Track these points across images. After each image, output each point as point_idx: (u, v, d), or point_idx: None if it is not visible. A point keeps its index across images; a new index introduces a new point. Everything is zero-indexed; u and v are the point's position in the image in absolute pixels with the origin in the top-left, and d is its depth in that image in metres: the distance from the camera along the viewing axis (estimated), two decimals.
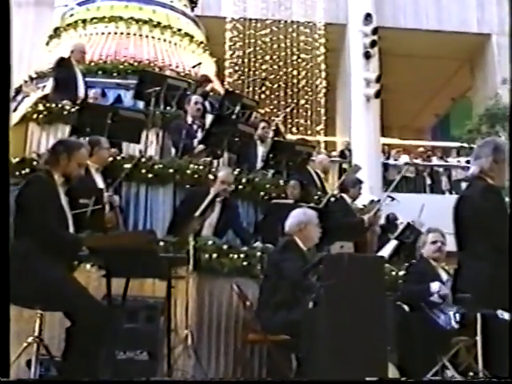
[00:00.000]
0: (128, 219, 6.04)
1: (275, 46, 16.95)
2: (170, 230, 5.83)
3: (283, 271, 4.61)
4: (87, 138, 5.63)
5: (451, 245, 4.24)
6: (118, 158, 6.16)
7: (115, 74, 9.24)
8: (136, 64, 9.52)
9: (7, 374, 2.97)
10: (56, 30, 10.64)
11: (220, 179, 5.98)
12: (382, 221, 8.42)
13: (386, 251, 6.78)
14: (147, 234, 3.76)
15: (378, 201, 7.82)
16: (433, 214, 7.53)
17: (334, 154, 16.81)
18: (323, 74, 17.26)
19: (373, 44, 16.32)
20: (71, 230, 3.74)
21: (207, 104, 8.24)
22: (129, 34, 10.26)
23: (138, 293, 4.63)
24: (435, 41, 17.71)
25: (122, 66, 9.38)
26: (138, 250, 3.57)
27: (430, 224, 5.80)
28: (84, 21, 10.32)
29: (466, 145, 15.56)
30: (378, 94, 16.05)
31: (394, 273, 5.95)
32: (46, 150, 3.84)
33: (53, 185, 3.65)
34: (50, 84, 7.99)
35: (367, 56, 16.32)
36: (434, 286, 4.82)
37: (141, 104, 8.08)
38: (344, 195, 7.23)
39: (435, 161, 17.36)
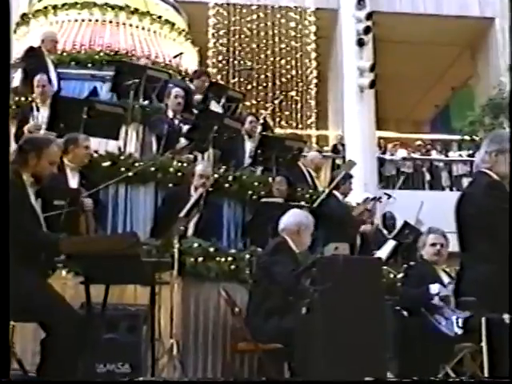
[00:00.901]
0: (106, 222, 6.02)
1: (262, 33, 16.94)
2: (153, 233, 5.85)
3: (274, 275, 4.63)
4: (67, 136, 5.61)
5: (453, 245, 4.27)
6: (95, 155, 6.14)
7: (90, 65, 9.21)
8: (112, 54, 9.50)
9: (7, 374, 3.01)
10: (23, 16, 10.56)
11: (198, 173, 6.00)
12: (378, 220, 8.47)
13: (383, 252, 6.83)
14: (129, 236, 3.73)
15: (374, 198, 7.87)
16: (433, 212, 7.61)
17: (326, 148, 16.85)
18: (314, 64, 17.27)
19: (366, 30, 16.33)
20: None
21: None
22: (104, 21, 10.22)
23: (118, 301, 4.64)
24: (433, 26, 17.76)
25: (97, 56, 9.35)
26: (119, 255, 3.56)
27: (430, 223, 5.85)
28: (55, 7, 10.25)
29: (467, 137, 15.63)
30: (372, 84, 16.08)
31: (392, 275, 5.99)
32: (13, 149, 3.78)
33: (21, 186, 3.59)
34: (18, 76, 7.96)
35: (360, 43, 16.33)
36: (434, 287, 4.86)
37: (118, 97, 8.07)
38: (335, 192, 7.28)
39: (435, 155, 17.44)
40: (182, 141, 6.95)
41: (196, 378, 4.99)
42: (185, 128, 7.03)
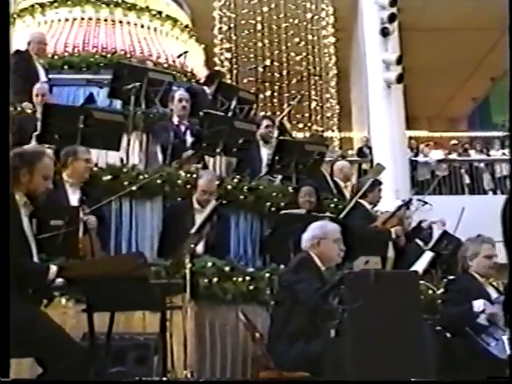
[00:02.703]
0: (109, 241, 6.06)
1: (274, 26, 16.98)
2: (160, 253, 5.89)
3: (298, 295, 4.64)
4: (65, 148, 5.68)
5: (500, 255, 4.26)
6: (95, 169, 6.19)
7: (85, 69, 9.31)
8: (109, 56, 9.60)
9: (7, 374, 3.05)
10: None
11: (200, 188, 6.04)
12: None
13: (419, 265, 6.80)
14: (135, 257, 3.76)
15: (407, 205, 7.82)
16: (474, 219, 7.58)
17: (350, 152, 16.86)
18: (333, 59, 17.31)
19: (391, 18, 16.27)
20: (35, 259, 3.70)
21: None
22: (98, 19, 10.33)
23: (125, 329, 4.66)
24: (468, 9, 17.70)
25: (92, 59, 9.44)
26: (125, 278, 3.59)
27: (472, 231, 5.81)
28: (42, 5, 10.32)
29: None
30: (400, 79, 16.03)
31: (430, 291, 5.97)
32: None
33: (13, 209, 3.53)
34: None
35: (385, 33, 16.29)
36: (477, 303, 4.85)
37: (118, 103, 8.15)
38: (362, 201, 7.30)
39: (474, 155, 17.38)
40: (189, 150, 7.00)
41: None
42: (188, 136, 7.05)
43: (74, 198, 5.49)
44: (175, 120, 7.32)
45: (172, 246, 5.60)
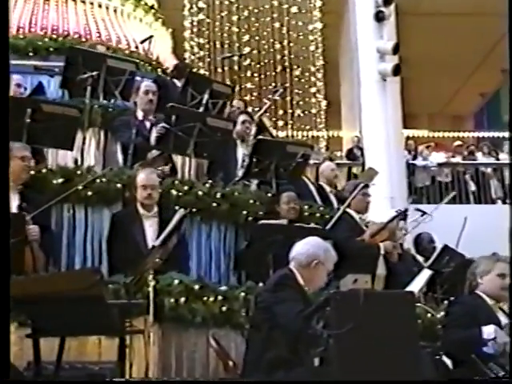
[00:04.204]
0: (59, 255, 6.04)
1: (255, 9, 17.02)
2: (111, 270, 5.84)
3: (277, 317, 4.64)
4: None
5: None
6: (44, 170, 6.16)
7: (32, 54, 9.27)
8: (60, 39, 9.57)
9: (7, 374, 3.14)
10: None
11: (140, 184, 6.05)
12: (409, 244, 8.51)
13: (416, 285, 6.84)
14: (90, 273, 3.76)
15: (403, 216, 7.85)
16: (480, 231, 7.64)
17: (339, 154, 16.93)
18: (320, 47, 17.38)
19: (387, 0, 16.42)
20: None
21: None
22: None
23: (77, 357, 4.65)
24: None
25: (40, 43, 9.41)
26: (78, 297, 3.58)
27: (478, 245, 5.86)
28: None
29: None
30: (396, 71, 16.10)
31: (429, 315, 6.01)
32: None
33: None
34: None
35: (380, 18, 16.37)
36: (488, 330, 4.86)
37: (70, 95, 8.11)
38: (349, 210, 7.32)
39: (481, 158, 17.48)
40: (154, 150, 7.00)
41: None
42: (153, 135, 7.03)
43: (12, 204, 5.42)
44: (139, 115, 7.30)
45: (124, 261, 5.60)
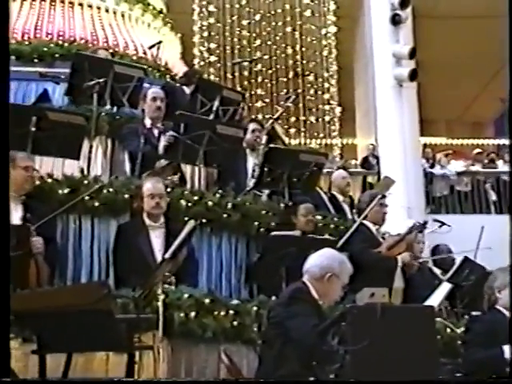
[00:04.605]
0: (65, 268, 6.05)
1: (266, 13, 17.03)
2: (117, 283, 5.84)
3: (291, 333, 4.64)
4: None
5: None
6: (49, 180, 6.18)
7: (37, 60, 9.28)
8: (66, 45, 9.58)
9: (7, 374, 3.18)
10: None
11: (147, 193, 6.06)
12: (427, 255, 8.48)
13: (435, 299, 6.83)
14: (97, 287, 3.77)
15: (421, 227, 7.82)
16: (501, 243, 7.59)
17: (353, 162, 16.92)
18: (334, 52, 17.38)
19: (404, 3, 16.39)
20: None
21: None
22: (54, 0, 10.29)
23: (84, 374, 4.64)
24: None
25: (45, 49, 9.43)
26: (85, 312, 3.59)
27: (498, 258, 5.84)
28: None
29: None
30: (413, 75, 16.11)
31: (449, 330, 5.99)
32: None
33: None
34: None
35: (396, 21, 16.41)
36: (508, 349, 4.85)
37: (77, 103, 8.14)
38: (365, 222, 7.32)
39: (502, 166, 17.43)
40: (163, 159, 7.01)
41: None
42: (161, 144, 7.04)
43: (15, 215, 5.44)
44: (147, 123, 7.31)
45: (130, 273, 5.62)
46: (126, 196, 6.30)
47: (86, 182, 6.30)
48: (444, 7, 18.06)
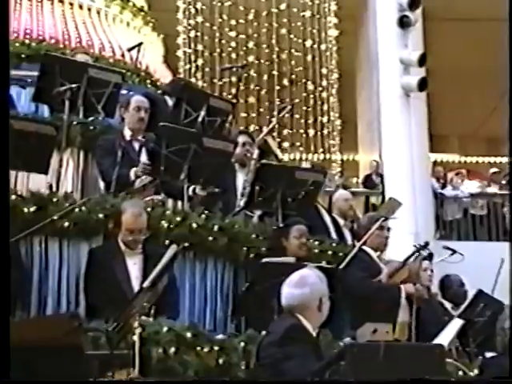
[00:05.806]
0: (28, 297, 6.02)
1: (260, 13, 17.09)
2: (88, 314, 5.83)
3: (286, 375, 4.63)
4: None
5: None
6: (13, 197, 6.17)
7: None
8: (34, 45, 9.60)
9: (7, 374, 3.34)
10: None
11: (125, 226, 6.00)
12: (436, 287, 8.48)
13: (445, 336, 6.83)
14: (66, 320, 3.76)
15: (427, 253, 7.81)
16: None
17: (355, 180, 16.95)
18: (335, 57, 17.45)
19: (413, 4, 16.48)
20: None
21: None
22: None
23: None
24: None
25: (11, 48, 9.43)
26: (52, 347, 3.58)
27: None
28: None
29: None
30: (422, 85, 16.18)
31: (461, 372, 5.99)
32: None
33: None
34: None
35: (404, 24, 16.48)
36: None
37: (46, 109, 8.14)
38: (365, 247, 7.32)
39: None
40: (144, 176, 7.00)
41: None
42: (143, 157, 7.04)
43: None
44: (127, 134, 7.25)
45: (103, 303, 5.60)
46: (100, 216, 6.28)
47: (54, 199, 6.28)
48: (458, 8, 18.16)
